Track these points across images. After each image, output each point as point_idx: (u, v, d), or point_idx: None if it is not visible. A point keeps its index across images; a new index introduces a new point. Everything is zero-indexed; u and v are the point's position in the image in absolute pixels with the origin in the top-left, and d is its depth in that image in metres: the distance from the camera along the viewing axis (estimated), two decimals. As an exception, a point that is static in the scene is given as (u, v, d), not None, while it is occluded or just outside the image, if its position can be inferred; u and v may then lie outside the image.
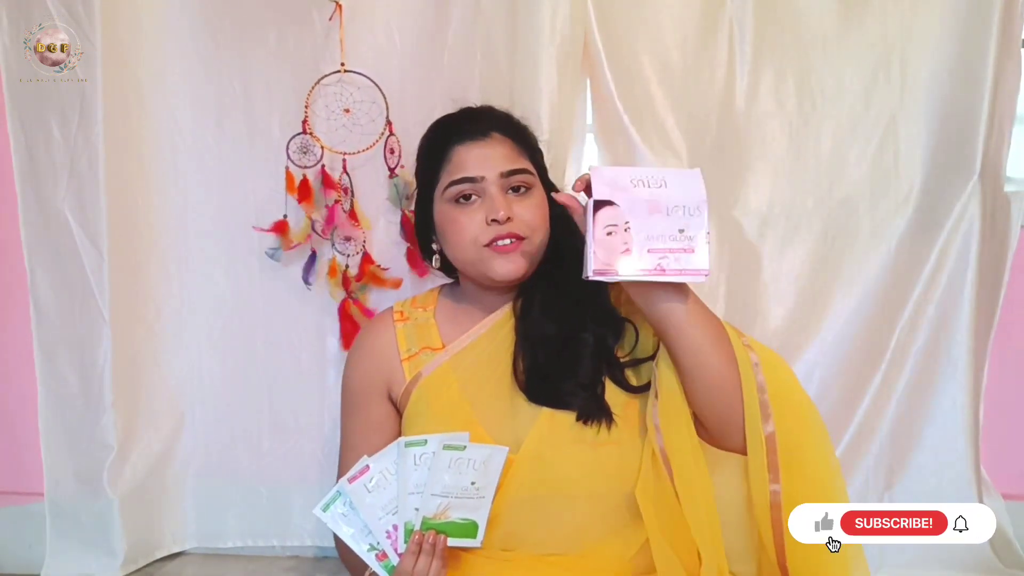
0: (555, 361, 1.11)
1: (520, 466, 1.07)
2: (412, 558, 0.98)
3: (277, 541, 1.67)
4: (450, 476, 1.01)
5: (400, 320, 1.25)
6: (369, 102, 1.53)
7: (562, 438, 1.08)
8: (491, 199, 1.12)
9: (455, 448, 1.03)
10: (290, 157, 1.53)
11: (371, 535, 1.02)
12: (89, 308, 1.56)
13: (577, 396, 1.09)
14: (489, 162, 1.13)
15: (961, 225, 1.53)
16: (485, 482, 1.01)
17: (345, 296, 1.55)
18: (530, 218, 1.13)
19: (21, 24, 1.51)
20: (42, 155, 1.54)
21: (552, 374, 1.11)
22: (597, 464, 1.07)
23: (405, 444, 1.05)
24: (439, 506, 1.00)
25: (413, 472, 1.03)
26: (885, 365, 1.57)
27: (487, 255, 1.12)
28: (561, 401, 1.09)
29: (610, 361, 1.13)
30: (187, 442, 1.66)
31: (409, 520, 1.01)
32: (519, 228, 1.12)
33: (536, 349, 1.13)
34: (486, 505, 1.01)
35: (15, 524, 1.69)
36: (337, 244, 1.55)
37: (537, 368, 1.12)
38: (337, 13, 1.51)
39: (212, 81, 1.57)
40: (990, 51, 1.48)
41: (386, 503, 1.03)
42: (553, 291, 1.16)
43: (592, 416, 1.08)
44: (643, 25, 1.55)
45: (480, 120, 1.19)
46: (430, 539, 0.98)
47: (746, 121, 1.57)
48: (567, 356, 1.11)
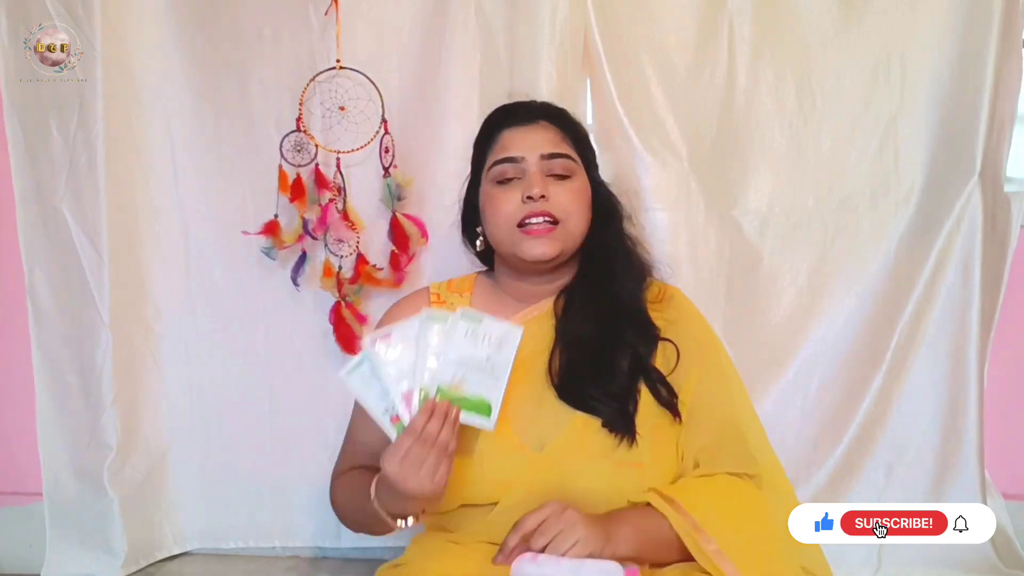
0: (591, 364, 1.10)
1: (539, 466, 1.06)
2: (423, 418, 0.97)
3: (279, 541, 1.67)
4: (466, 346, 1.01)
5: (436, 303, 1.23)
6: (365, 99, 1.53)
7: (587, 449, 1.06)
8: (529, 178, 1.12)
9: (472, 319, 1.03)
10: (283, 155, 1.53)
11: (387, 398, 1.01)
12: (88, 308, 1.56)
13: (606, 404, 1.08)
14: (531, 144, 1.14)
15: (962, 225, 1.53)
16: (499, 361, 1.01)
17: (338, 299, 1.55)
18: (566, 201, 1.12)
19: (20, 24, 1.51)
20: (41, 155, 1.54)
21: (586, 377, 1.10)
22: (616, 482, 1.06)
23: (427, 316, 1.03)
24: (454, 376, 1.00)
25: (433, 341, 1.02)
26: (885, 365, 1.57)
27: (519, 236, 1.13)
28: (589, 406, 1.08)
29: (647, 372, 1.11)
30: (188, 442, 1.65)
31: (425, 386, 1.00)
32: (554, 209, 1.11)
33: (573, 350, 1.12)
34: (500, 388, 1.00)
35: (15, 524, 1.69)
36: (330, 245, 1.55)
37: (572, 369, 1.11)
38: (333, 9, 1.51)
39: (209, 80, 1.57)
40: (990, 51, 1.48)
41: (404, 368, 1.01)
42: (594, 292, 1.16)
43: (617, 427, 1.06)
44: (643, 25, 1.55)
45: (531, 108, 1.21)
46: (443, 407, 0.97)
47: (746, 121, 1.57)
48: (604, 361, 1.11)
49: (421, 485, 0.96)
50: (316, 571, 1.63)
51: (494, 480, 1.07)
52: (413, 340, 1.02)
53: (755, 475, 1.09)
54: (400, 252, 1.54)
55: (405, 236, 1.53)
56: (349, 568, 1.64)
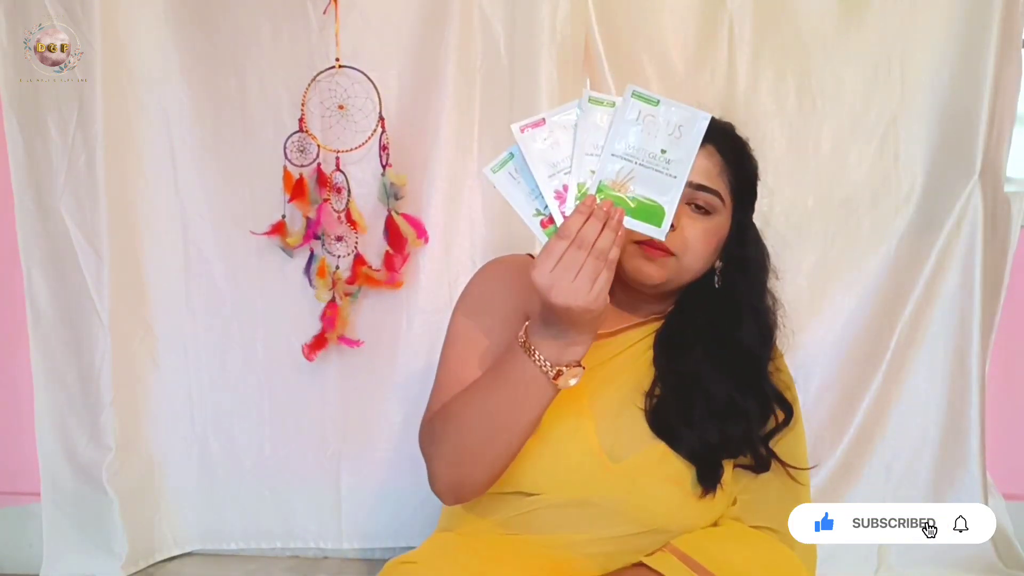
0: (699, 408, 1.05)
1: (610, 476, 1.02)
2: (580, 218, 0.84)
3: (280, 543, 1.67)
4: (636, 136, 0.86)
5: None
6: (363, 98, 1.52)
7: (662, 473, 1.03)
8: None
9: (647, 101, 0.86)
10: (288, 157, 1.52)
11: (539, 198, 0.87)
12: (86, 308, 1.56)
13: (698, 449, 1.03)
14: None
15: (962, 225, 1.53)
16: (678, 156, 0.86)
17: (331, 299, 1.54)
18: (691, 236, 1.04)
19: (20, 24, 1.50)
20: (39, 155, 1.54)
21: (684, 418, 1.04)
22: (681, 509, 1.04)
23: (589, 99, 0.87)
24: (620, 172, 0.85)
25: (595, 131, 0.87)
26: (885, 365, 1.57)
27: (634, 250, 1.03)
28: (676, 442, 1.03)
29: (754, 445, 1.07)
30: (187, 443, 1.65)
31: (584, 182, 0.85)
32: (673, 243, 1.02)
33: (678, 383, 1.06)
34: (677, 189, 0.86)
35: (14, 524, 1.68)
36: (327, 245, 1.55)
37: (674, 404, 1.05)
38: (332, 7, 1.51)
39: (208, 79, 1.57)
40: (990, 51, 1.48)
41: (559, 161, 0.87)
42: (718, 337, 1.08)
43: (705, 481, 1.03)
44: (643, 25, 1.55)
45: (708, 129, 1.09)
46: (605, 207, 0.84)
47: (746, 121, 1.55)
48: (717, 411, 1.05)
49: (576, 296, 0.85)
50: (316, 571, 1.63)
51: (562, 474, 1.02)
52: (571, 128, 0.87)
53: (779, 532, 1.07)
54: (395, 252, 1.54)
55: (401, 236, 1.53)
56: (349, 568, 1.63)
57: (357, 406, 1.61)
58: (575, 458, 1.03)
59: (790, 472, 1.08)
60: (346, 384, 1.62)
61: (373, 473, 1.63)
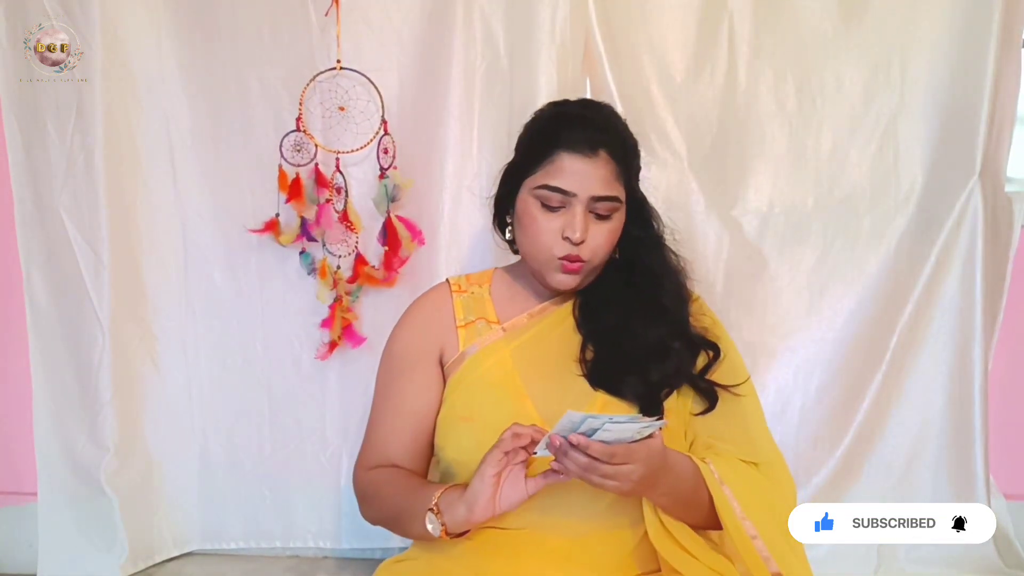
0: (635, 354, 1.14)
1: None
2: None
3: (280, 543, 1.67)
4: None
5: (457, 291, 1.26)
6: (365, 100, 1.52)
7: None
8: (573, 217, 1.12)
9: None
10: (283, 155, 1.52)
11: None
12: (85, 309, 1.55)
13: (638, 389, 1.11)
14: (587, 182, 1.11)
15: (962, 225, 1.54)
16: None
17: (335, 299, 1.54)
18: (597, 245, 1.14)
19: (19, 24, 1.50)
20: (38, 156, 1.54)
21: (623, 367, 1.13)
22: None
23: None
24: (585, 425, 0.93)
25: None
26: (885, 365, 1.57)
27: (554, 266, 1.14)
28: (619, 390, 1.12)
29: (693, 379, 1.15)
30: (186, 443, 1.65)
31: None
32: (584, 252, 1.13)
33: (614, 340, 1.15)
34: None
35: (13, 524, 1.68)
36: (328, 245, 1.55)
37: (609, 358, 1.14)
38: (334, 8, 1.51)
39: (208, 80, 1.56)
40: (990, 51, 1.48)
41: None
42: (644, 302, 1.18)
43: (649, 413, 1.08)
44: (643, 25, 1.55)
45: (595, 131, 1.14)
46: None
47: (746, 121, 1.57)
48: (651, 353, 1.14)
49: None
50: (316, 571, 1.63)
51: None
52: None
53: (758, 464, 1.12)
54: (392, 254, 1.54)
55: (397, 238, 1.53)
56: (349, 568, 1.63)
57: (357, 406, 1.61)
58: None
59: (731, 391, 1.14)
60: (346, 384, 1.62)
61: (373, 473, 1.63)
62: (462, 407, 1.16)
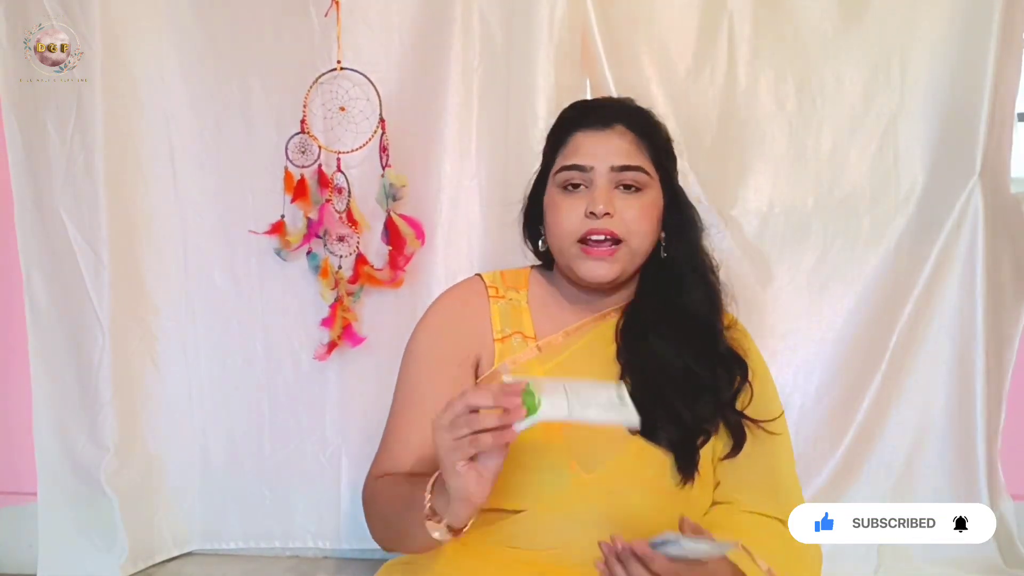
0: (665, 394, 1.05)
1: (588, 488, 1.03)
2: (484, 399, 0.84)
3: (280, 543, 1.67)
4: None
5: (495, 297, 1.15)
6: (364, 99, 1.52)
7: (639, 475, 1.03)
8: (595, 190, 1.05)
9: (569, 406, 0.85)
10: (289, 157, 1.52)
11: None
12: (85, 309, 1.56)
13: (674, 438, 1.03)
14: (603, 153, 1.06)
15: (963, 225, 1.53)
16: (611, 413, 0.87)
17: (336, 299, 1.54)
18: (631, 218, 1.05)
19: (19, 24, 1.50)
20: (38, 156, 1.54)
21: (658, 408, 1.04)
22: (662, 507, 1.03)
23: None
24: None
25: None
26: (885, 365, 1.57)
27: (577, 252, 1.06)
28: (655, 436, 1.03)
29: (726, 414, 1.08)
30: (186, 443, 1.65)
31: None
32: (616, 227, 1.05)
33: (643, 374, 1.06)
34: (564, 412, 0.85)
35: (14, 524, 1.68)
36: (329, 245, 1.55)
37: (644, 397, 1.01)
38: (334, 9, 1.51)
39: (209, 80, 1.57)
40: (990, 51, 1.48)
41: None
42: (669, 315, 1.09)
43: (684, 468, 1.03)
44: (643, 25, 1.55)
45: (608, 109, 1.12)
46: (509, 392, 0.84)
47: (746, 121, 1.57)
48: (679, 393, 1.05)
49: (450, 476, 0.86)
50: (316, 571, 1.63)
51: (536, 493, 1.03)
52: None
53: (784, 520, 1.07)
54: (396, 253, 1.54)
55: (400, 237, 1.53)
56: (349, 568, 1.63)
57: (357, 406, 1.61)
58: (547, 475, 1.02)
59: (763, 427, 1.08)
60: (346, 384, 1.62)
61: (373, 473, 1.63)
62: None
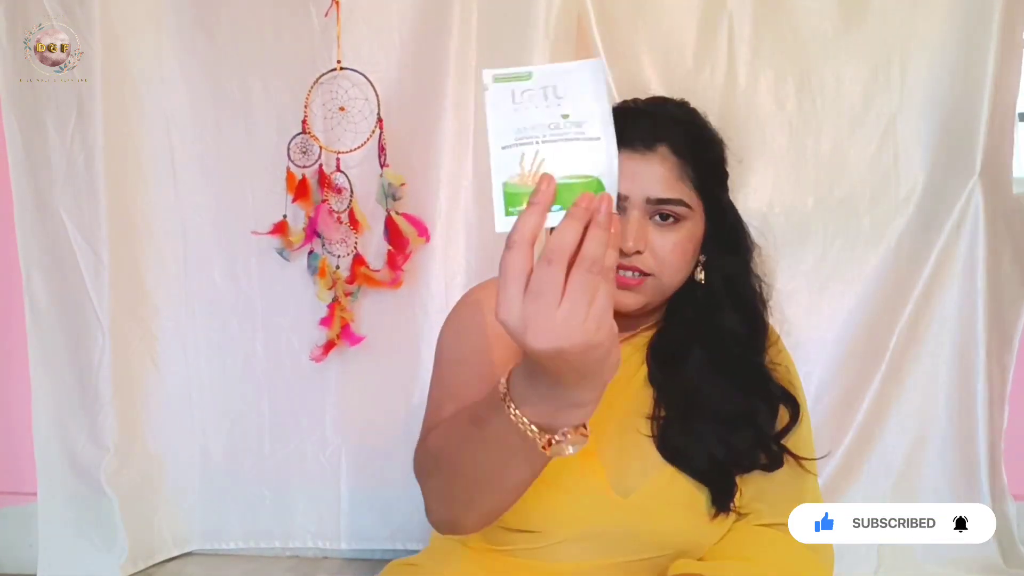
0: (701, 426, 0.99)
1: (621, 511, 0.98)
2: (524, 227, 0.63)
3: (280, 543, 1.67)
4: (520, 118, 0.67)
5: None
6: (362, 99, 1.53)
7: (673, 500, 0.99)
8: (627, 223, 0.95)
9: (517, 79, 0.67)
10: (291, 158, 1.52)
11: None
12: (85, 309, 1.56)
13: (710, 471, 0.98)
14: (641, 181, 0.95)
15: (963, 225, 1.53)
16: (588, 112, 0.66)
17: (334, 299, 1.54)
18: (664, 254, 0.97)
19: (19, 24, 1.50)
20: (38, 156, 1.54)
21: (696, 438, 0.98)
22: (695, 531, 1.00)
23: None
24: (524, 161, 0.65)
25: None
26: (885, 365, 1.57)
27: None
28: (691, 467, 0.98)
29: (767, 445, 1.01)
30: (186, 444, 1.65)
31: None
32: (645, 264, 0.96)
33: (681, 402, 1.00)
34: (606, 150, 0.66)
35: (14, 524, 1.68)
36: (327, 245, 1.54)
37: (680, 426, 0.99)
38: (334, 9, 1.51)
39: (209, 80, 1.57)
40: (990, 51, 1.48)
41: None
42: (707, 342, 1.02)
43: (718, 503, 0.99)
44: (643, 25, 1.55)
45: (654, 123, 0.99)
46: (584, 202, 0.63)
47: (746, 121, 1.57)
48: (718, 425, 0.99)
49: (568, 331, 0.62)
50: (316, 571, 1.63)
51: (569, 515, 0.98)
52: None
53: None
54: (396, 252, 1.53)
55: (401, 236, 1.53)
56: (349, 568, 1.64)
57: (357, 406, 1.61)
58: (583, 498, 0.98)
59: (802, 464, 1.03)
60: (345, 384, 1.62)
61: (373, 474, 1.63)
62: None
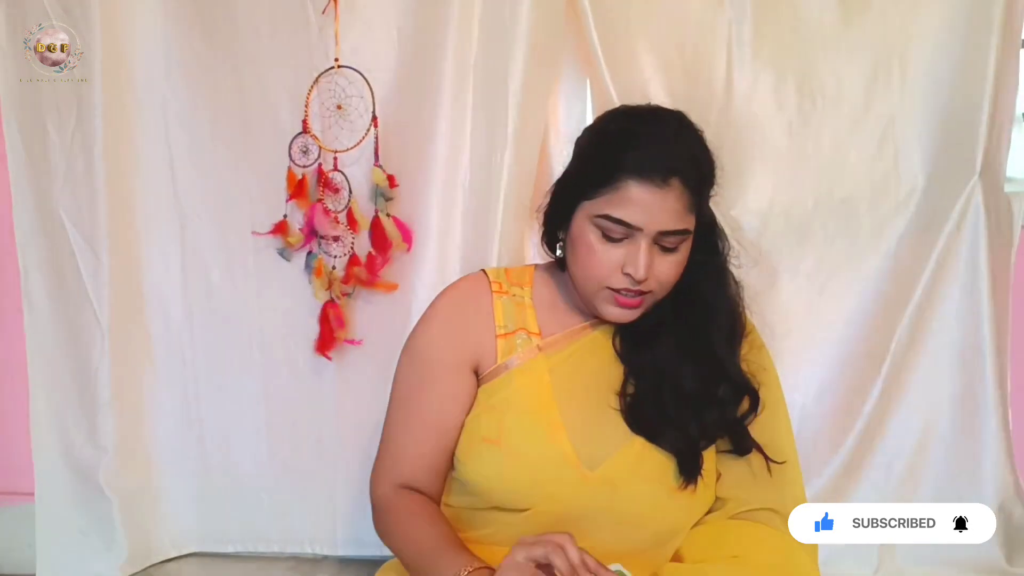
0: (670, 401, 1.06)
1: (590, 485, 1.02)
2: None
3: (279, 547, 1.66)
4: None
5: (498, 292, 1.13)
6: (358, 97, 1.52)
7: (641, 473, 1.04)
8: (636, 252, 1.01)
9: None
10: (292, 159, 1.52)
11: None
12: (84, 309, 1.55)
13: (678, 442, 1.04)
14: (655, 215, 1.00)
15: (963, 225, 1.53)
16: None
17: (328, 299, 1.54)
18: (665, 278, 1.04)
19: (19, 24, 1.50)
20: (38, 156, 1.53)
21: (664, 414, 1.05)
22: (666, 507, 1.04)
23: None
24: None
25: None
26: (886, 365, 1.57)
27: (606, 296, 1.05)
28: (658, 439, 1.04)
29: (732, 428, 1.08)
30: (184, 445, 1.65)
31: None
32: (648, 286, 1.03)
33: (649, 380, 1.07)
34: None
35: (13, 524, 1.68)
36: (324, 245, 1.54)
37: (647, 400, 1.06)
38: (332, 7, 1.50)
39: (208, 79, 1.56)
40: (990, 51, 1.48)
41: None
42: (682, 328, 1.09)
43: (687, 472, 1.03)
44: (642, 26, 1.55)
45: (667, 156, 1.02)
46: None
47: (746, 122, 1.57)
48: (687, 404, 1.06)
49: None
50: (315, 572, 1.63)
51: (541, 491, 1.02)
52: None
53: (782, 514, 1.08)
54: (377, 254, 1.53)
55: (385, 239, 1.52)
56: (348, 569, 1.63)
57: (354, 408, 1.61)
58: (551, 472, 1.02)
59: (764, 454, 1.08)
60: (343, 387, 1.61)
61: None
62: (487, 427, 1.05)
